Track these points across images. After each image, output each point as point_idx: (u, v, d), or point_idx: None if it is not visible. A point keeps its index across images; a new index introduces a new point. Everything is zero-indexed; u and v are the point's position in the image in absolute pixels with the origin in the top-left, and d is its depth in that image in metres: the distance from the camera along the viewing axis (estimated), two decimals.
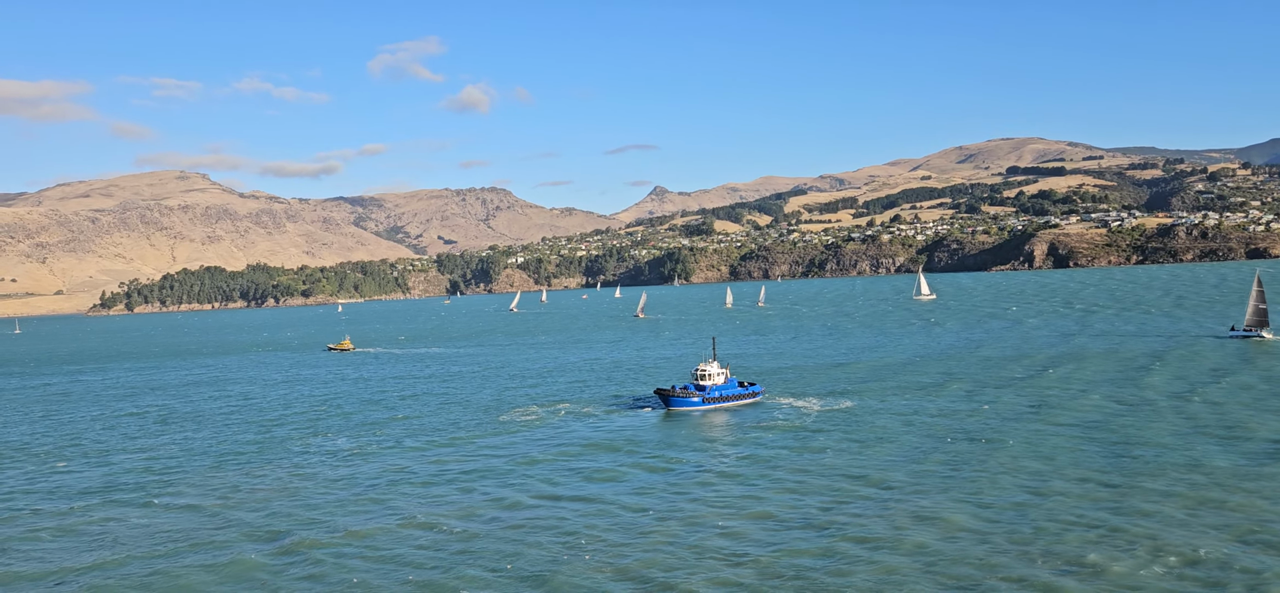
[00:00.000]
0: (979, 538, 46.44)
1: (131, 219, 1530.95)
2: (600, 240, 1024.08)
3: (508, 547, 49.00)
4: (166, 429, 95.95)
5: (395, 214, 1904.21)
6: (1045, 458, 62.31)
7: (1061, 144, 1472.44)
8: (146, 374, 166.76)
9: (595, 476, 64.23)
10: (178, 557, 50.09)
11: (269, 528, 54.81)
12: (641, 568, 44.74)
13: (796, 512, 52.77)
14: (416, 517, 55.63)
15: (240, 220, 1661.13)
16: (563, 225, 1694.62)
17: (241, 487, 66.19)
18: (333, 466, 72.11)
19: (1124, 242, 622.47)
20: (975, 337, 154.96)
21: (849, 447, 69.11)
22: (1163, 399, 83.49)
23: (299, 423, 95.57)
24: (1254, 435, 66.82)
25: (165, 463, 76.79)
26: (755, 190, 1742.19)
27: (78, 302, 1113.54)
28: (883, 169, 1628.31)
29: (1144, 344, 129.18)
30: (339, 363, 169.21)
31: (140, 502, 63.23)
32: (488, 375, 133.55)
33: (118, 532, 55.78)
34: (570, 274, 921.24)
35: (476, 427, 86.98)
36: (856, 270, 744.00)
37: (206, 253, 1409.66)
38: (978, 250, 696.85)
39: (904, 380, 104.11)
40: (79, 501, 64.41)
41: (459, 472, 67.58)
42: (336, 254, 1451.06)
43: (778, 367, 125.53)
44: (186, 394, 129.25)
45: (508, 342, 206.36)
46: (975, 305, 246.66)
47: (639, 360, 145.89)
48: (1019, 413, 79.74)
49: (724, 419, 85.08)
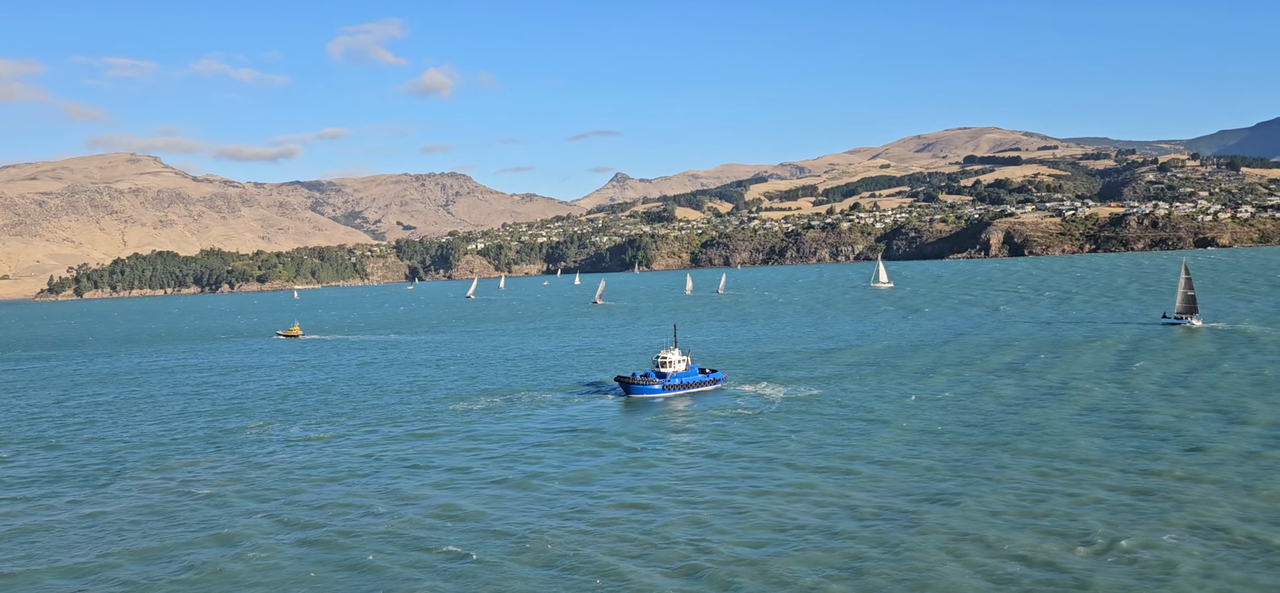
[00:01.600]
0: (944, 517, 46.39)
1: (81, 203, 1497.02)
2: (562, 227, 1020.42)
3: (466, 536, 48.06)
4: (112, 419, 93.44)
5: (353, 199, 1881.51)
6: (999, 440, 62.70)
7: (1017, 134, 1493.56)
8: (94, 363, 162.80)
9: (554, 463, 63.40)
10: (122, 552, 48.49)
11: (218, 520, 53.32)
12: (602, 556, 44.06)
13: (759, 497, 52.39)
14: (372, 507, 54.46)
15: (194, 204, 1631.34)
16: (524, 211, 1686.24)
17: (189, 479, 64.45)
18: (285, 456, 70.54)
19: (1077, 231, 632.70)
20: (933, 324, 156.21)
21: (812, 432, 68.96)
22: (1086, 384, 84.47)
23: (250, 412, 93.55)
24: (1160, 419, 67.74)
25: (111, 454, 74.64)
26: (716, 177, 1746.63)
27: (24, 287, 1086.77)
28: (843, 157, 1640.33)
29: (1076, 331, 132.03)
30: (290, 350, 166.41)
31: (83, 494, 61.31)
32: (444, 363, 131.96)
33: (61, 524, 53.96)
34: (531, 261, 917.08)
35: (431, 415, 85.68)
36: (816, 258, 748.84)
37: (159, 238, 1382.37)
38: (935, 239, 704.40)
39: (863, 366, 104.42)
40: (22, 491, 62.29)
41: (414, 461, 66.39)
42: (293, 239, 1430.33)
43: (738, 354, 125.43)
44: (135, 383, 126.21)
45: (464, 329, 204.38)
46: (934, 292, 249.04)
47: (598, 348, 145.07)
48: (971, 396, 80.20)
49: (685, 406, 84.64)
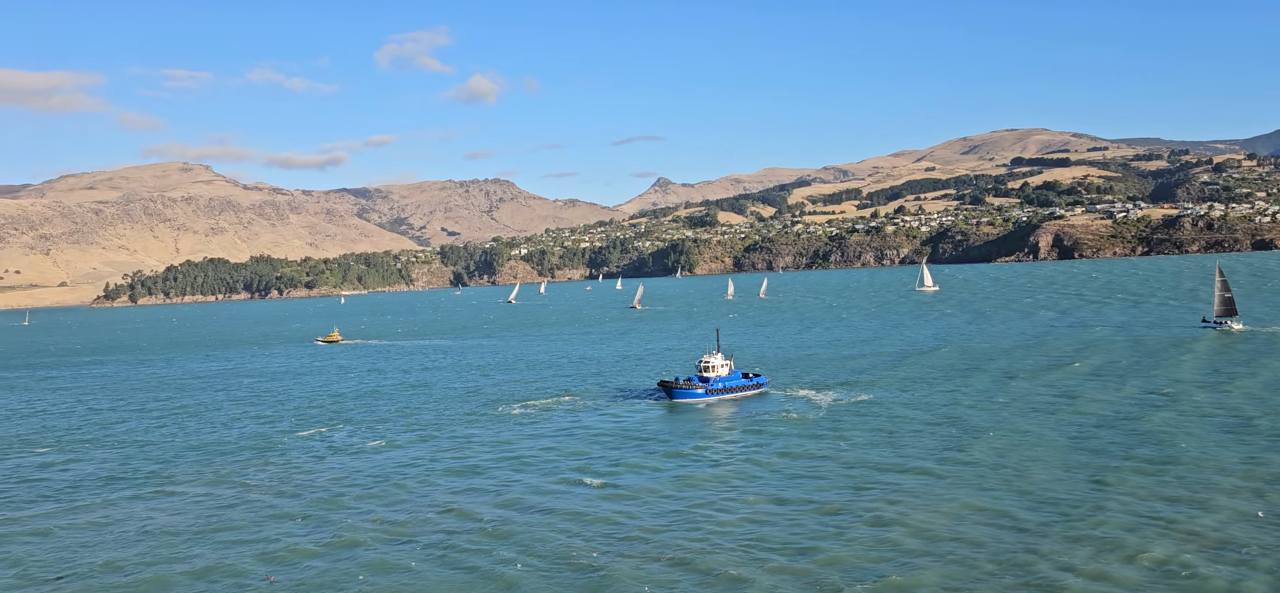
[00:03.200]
0: (1003, 527, 45.30)
1: (135, 211, 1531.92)
2: (604, 232, 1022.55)
3: (512, 541, 47.93)
4: (164, 424, 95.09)
5: (399, 206, 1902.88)
6: (1038, 443, 61.15)
7: (1066, 135, 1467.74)
8: (148, 368, 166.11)
9: (599, 469, 63.14)
10: (172, 554, 49.10)
11: (267, 525, 53.81)
12: (648, 563, 43.66)
13: (811, 502, 51.64)
14: (420, 512, 54.60)
15: (243, 212, 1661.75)
16: (566, 217, 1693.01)
17: (238, 483, 65.19)
18: (331, 461, 71.12)
19: (1129, 233, 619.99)
20: (981, 327, 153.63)
21: (862, 436, 67.95)
22: (1117, 388, 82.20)
23: (296, 418, 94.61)
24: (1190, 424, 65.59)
25: (163, 458, 75.85)
26: (759, 181, 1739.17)
27: (81, 293, 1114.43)
28: (887, 160, 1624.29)
29: (1113, 334, 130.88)
30: (331, 356, 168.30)
31: (131, 498, 62.31)
32: (485, 369, 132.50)
33: (115, 527, 54.82)
34: (574, 266, 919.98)
35: (474, 420, 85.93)
36: (861, 262, 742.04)
37: (210, 244, 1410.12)
38: (982, 242, 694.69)
39: (910, 371, 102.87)
40: (73, 494, 63.50)
41: (457, 466, 66.54)
42: (340, 246, 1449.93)
43: (782, 358, 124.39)
44: (186, 388, 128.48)
45: (506, 334, 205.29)
46: (981, 296, 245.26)
47: (640, 353, 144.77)
48: (1013, 402, 78.52)
49: (728, 411, 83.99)
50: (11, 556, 49.98)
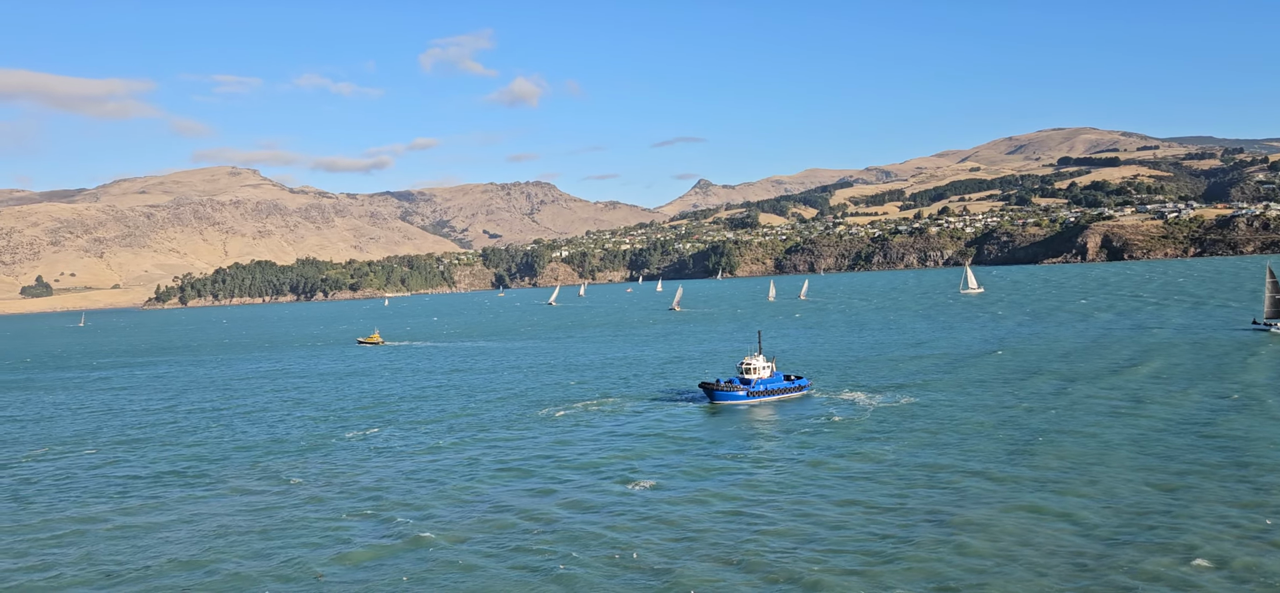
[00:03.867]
0: (1064, 533, 44.41)
1: (185, 215, 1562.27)
2: (644, 234, 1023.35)
3: (556, 542, 47.93)
4: (215, 423, 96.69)
5: (441, 208, 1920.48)
6: (1102, 447, 59.84)
7: (1114, 134, 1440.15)
8: (199, 369, 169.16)
9: (642, 469, 62.98)
10: (221, 552, 49.81)
11: (314, 523, 54.39)
12: (694, 563, 43.41)
13: (856, 504, 51.04)
14: (465, 512, 54.85)
15: (290, 215, 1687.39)
16: (607, 219, 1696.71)
17: (287, 482, 66.02)
18: (377, 462, 71.77)
19: (1181, 233, 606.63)
20: (1027, 329, 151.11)
21: (908, 439, 67.07)
22: (1165, 391, 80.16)
23: (341, 418, 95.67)
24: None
25: (211, 457, 77.10)
26: (800, 183, 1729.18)
27: (134, 295, 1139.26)
28: (930, 161, 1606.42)
29: (1158, 338, 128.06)
30: (377, 357, 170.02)
31: (181, 496, 63.35)
32: (526, 370, 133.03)
33: (165, 524, 55.78)
34: (615, 268, 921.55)
35: (516, 422, 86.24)
36: (904, 263, 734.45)
37: (257, 247, 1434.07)
38: (1028, 243, 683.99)
39: (956, 375, 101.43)
40: (124, 492, 64.73)
41: (502, 467, 66.79)
42: (383, 248, 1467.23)
43: (824, 360, 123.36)
44: (233, 389, 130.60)
45: (546, 336, 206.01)
46: (1027, 298, 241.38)
47: (681, 355, 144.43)
48: (1071, 405, 76.98)
49: (770, 413, 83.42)
50: (66, 553, 51.04)
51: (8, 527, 56.80)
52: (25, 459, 79.27)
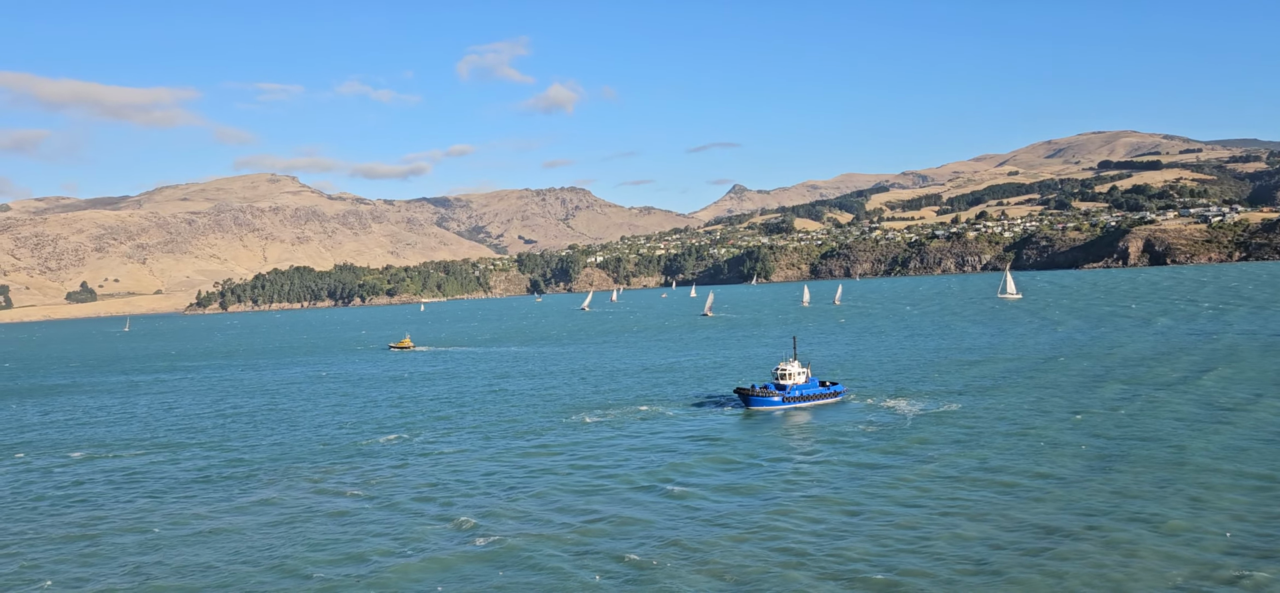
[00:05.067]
0: (1102, 547, 43.82)
1: (225, 221, 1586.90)
2: (679, 239, 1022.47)
3: (592, 549, 48.04)
4: (251, 427, 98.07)
5: (477, 214, 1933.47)
6: (1128, 458, 58.89)
7: (1156, 137, 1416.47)
8: (239, 373, 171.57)
9: (677, 476, 62.95)
10: (254, 553, 50.48)
11: (350, 528, 54.98)
12: (730, 569, 43.31)
13: (889, 514, 50.66)
14: (502, 518, 55.14)
15: (328, 221, 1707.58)
16: (641, 224, 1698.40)
17: (320, 486, 66.76)
18: (412, 467, 72.35)
19: (1226, 238, 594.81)
20: (1069, 335, 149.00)
21: (946, 448, 66.44)
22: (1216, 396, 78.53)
23: (376, 423, 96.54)
24: None
25: (248, 460, 78.17)
26: (836, 188, 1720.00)
27: (175, 301, 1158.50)
28: (967, 165, 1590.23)
29: (1208, 343, 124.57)
30: (415, 363, 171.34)
31: (220, 498, 64.29)
32: (561, 375, 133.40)
33: (201, 525, 56.64)
34: (649, 273, 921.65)
35: (553, 427, 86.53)
36: (941, 269, 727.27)
37: (296, 253, 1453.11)
38: (1068, 247, 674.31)
39: (996, 380, 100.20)
40: (171, 492, 65.83)
41: (536, 472, 67.07)
42: (420, 254, 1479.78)
43: (860, 366, 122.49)
44: (275, 393, 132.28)
45: (580, 341, 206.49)
46: (1068, 304, 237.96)
47: (715, 360, 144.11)
48: (1114, 412, 75.76)
49: (805, 419, 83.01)
50: (104, 550, 52.02)
51: (53, 526, 57.98)
52: (75, 460, 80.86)
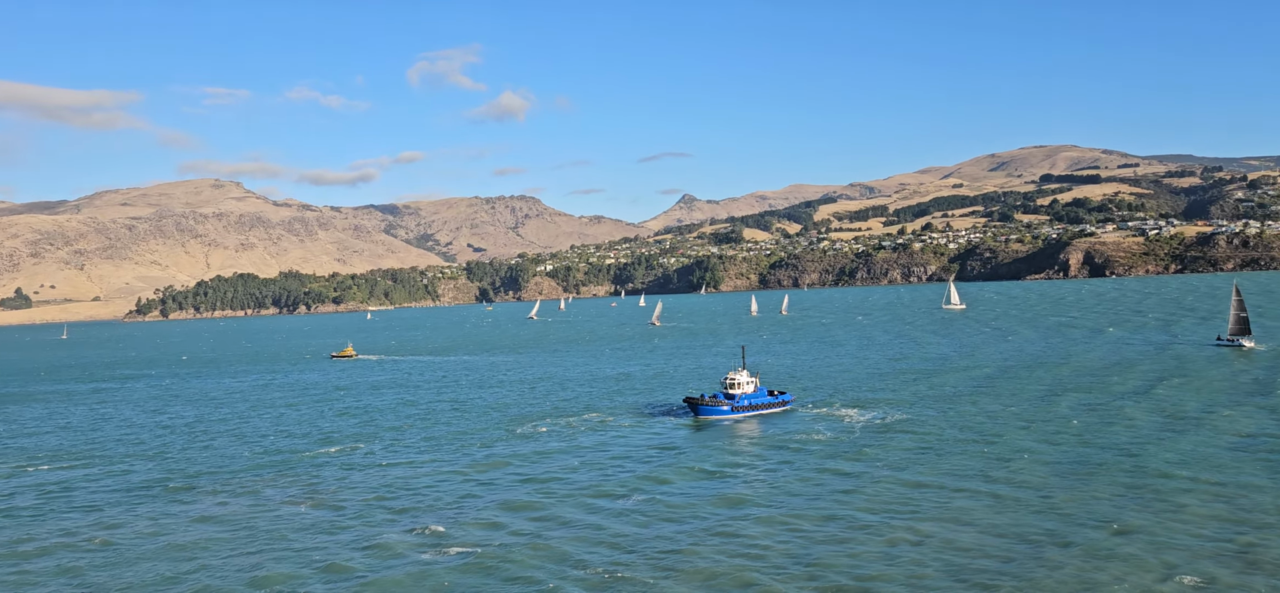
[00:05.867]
0: (1027, 548, 44.70)
1: (167, 227, 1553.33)
2: (629, 249, 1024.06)
3: (544, 559, 47.79)
4: (194, 438, 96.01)
5: (426, 222, 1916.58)
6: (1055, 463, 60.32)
7: (1096, 152, 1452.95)
8: (180, 383, 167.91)
9: (627, 485, 62.90)
10: (194, 569, 49.42)
11: (292, 541, 54.04)
12: (680, 579, 43.37)
13: (838, 519, 51.17)
14: (448, 531, 54.63)
15: (273, 228, 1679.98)
16: (591, 233, 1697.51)
17: (263, 497, 65.57)
18: (357, 477, 71.37)
19: (1162, 250, 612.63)
20: (1008, 346, 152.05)
21: (892, 455, 67.29)
22: (1129, 403, 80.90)
23: (322, 434, 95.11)
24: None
25: (187, 472, 76.49)
26: (784, 198, 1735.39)
27: (114, 308, 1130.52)
28: (913, 177, 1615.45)
29: (1133, 352, 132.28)
30: (361, 372, 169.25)
31: (158, 512, 62.84)
32: (507, 385, 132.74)
33: (139, 541, 55.30)
34: (599, 282, 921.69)
35: (502, 437, 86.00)
36: (887, 279, 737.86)
37: (240, 260, 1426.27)
38: (1011, 259, 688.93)
39: (938, 390, 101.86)
40: (99, 508, 64.15)
41: (486, 482, 66.57)
42: (367, 261, 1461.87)
43: (809, 376, 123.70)
44: (217, 402, 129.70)
45: (527, 351, 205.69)
46: (1009, 314, 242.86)
47: (663, 370, 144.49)
48: (1039, 418, 77.51)
49: (754, 428, 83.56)
50: (45, 565, 50.50)
51: None
52: (6, 475, 78.40)
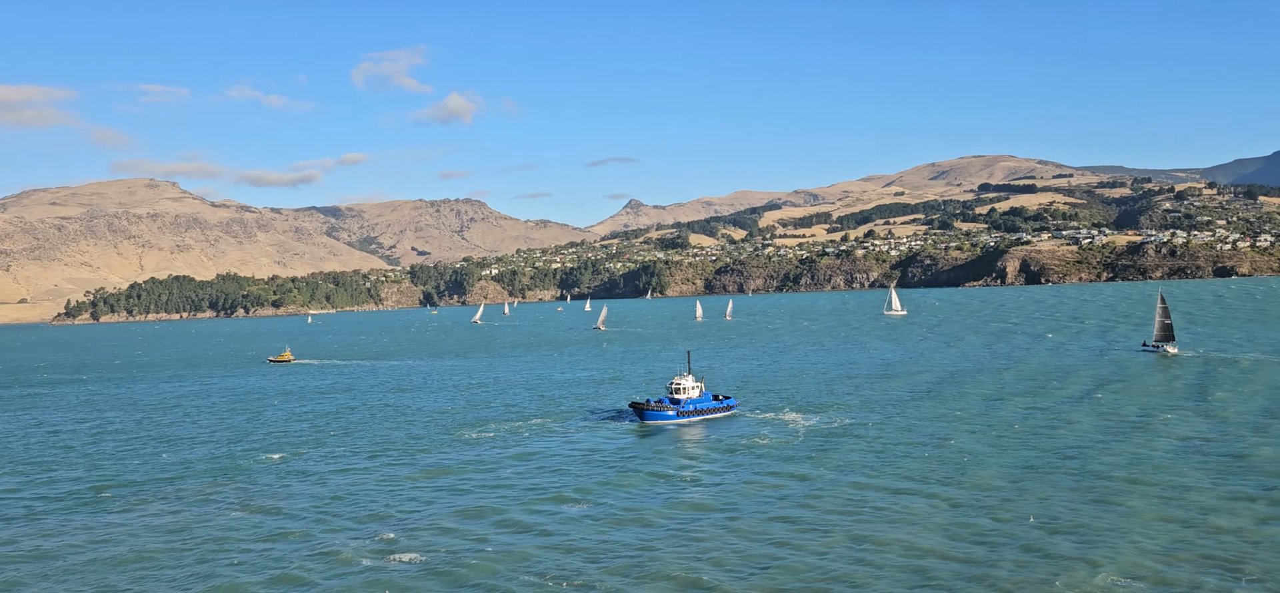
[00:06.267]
0: (970, 542, 45.45)
1: (99, 227, 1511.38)
2: (576, 253, 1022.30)
3: (488, 565, 47.32)
4: (128, 445, 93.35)
5: (369, 225, 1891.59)
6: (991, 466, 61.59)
7: (1032, 162, 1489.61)
8: (110, 388, 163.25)
9: (572, 489, 62.62)
10: (130, 581, 48.03)
11: (231, 552, 52.82)
12: (626, 583, 43.26)
13: (787, 523, 51.50)
14: (392, 539, 53.82)
15: (210, 229, 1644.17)
16: (537, 237, 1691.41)
17: (200, 506, 64.01)
18: (298, 485, 70.02)
19: (1095, 259, 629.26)
20: (946, 351, 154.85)
21: (835, 457, 67.96)
22: (1066, 406, 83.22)
23: (261, 440, 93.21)
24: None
25: (123, 481, 74.36)
26: (730, 204, 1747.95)
27: (42, 311, 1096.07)
28: (856, 184, 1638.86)
29: (1060, 359, 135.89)
30: (303, 376, 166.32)
31: (89, 523, 60.99)
32: (455, 390, 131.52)
33: (72, 552, 53.60)
34: (545, 287, 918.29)
35: (446, 443, 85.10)
36: (831, 285, 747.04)
37: (175, 262, 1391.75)
38: (951, 266, 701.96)
39: (877, 395, 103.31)
40: (30, 518, 62.06)
41: (429, 489, 65.77)
42: (308, 264, 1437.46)
43: (753, 380, 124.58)
44: (151, 409, 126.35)
45: (470, 355, 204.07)
46: (948, 321, 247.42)
47: (608, 375, 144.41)
48: (980, 424, 79.05)
49: (699, 433, 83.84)
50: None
51: None
52: None
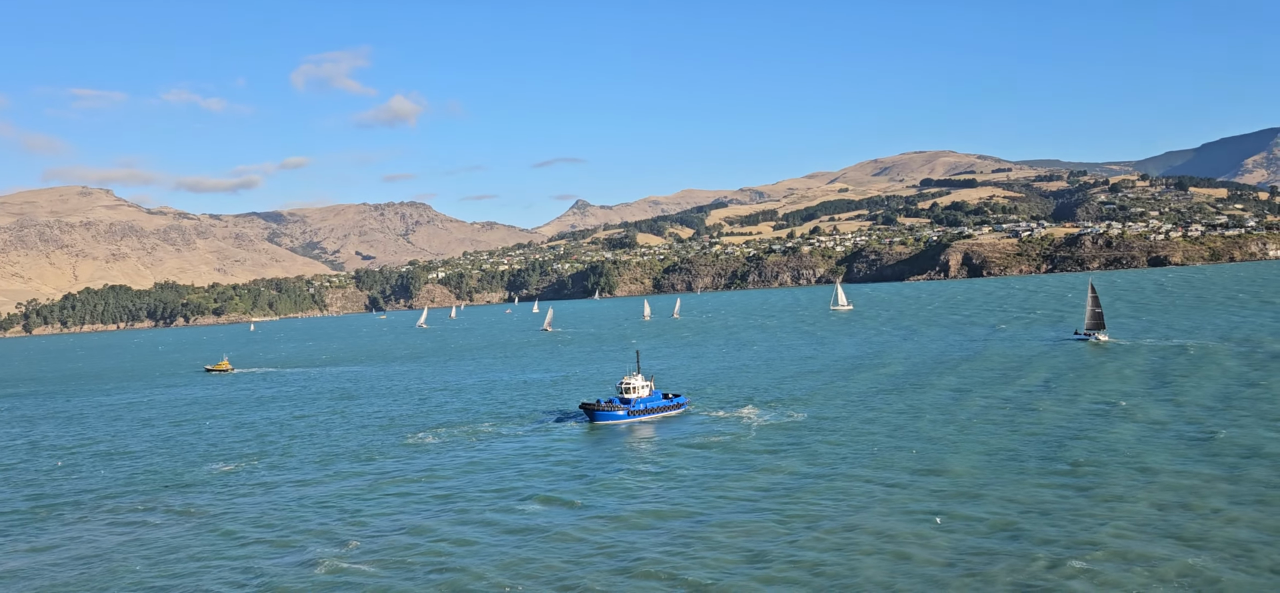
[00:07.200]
0: (920, 541, 45.92)
1: (30, 237, 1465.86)
2: (523, 255, 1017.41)
3: (444, 571, 46.64)
4: (65, 461, 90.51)
5: (312, 230, 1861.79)
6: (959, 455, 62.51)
7: (972, 157, 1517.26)
8: (40, 401, 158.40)
9: (523, 492, 62.10)
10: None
11: (176, 567, 51.40)
12: (577, 582, 42.90)
13: (733, 520, 51.57)
14: (344, 550, 52.82)
15: (147, 237, 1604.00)
16: (484, 239, 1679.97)
17: (142, 522, 62.26)
18: (246, 497, 68.48)
19: (1034, 251, 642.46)
20: (893, 345, 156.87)
21: (788, 452, 68.32)
22: (991, 395, 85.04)
23: (206, 452, 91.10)
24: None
25: (63, 499, 72.05)
26: (677, 203, 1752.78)
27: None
28: (801, 182, 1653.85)
29: (998, 348, 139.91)
30: (248, 386, 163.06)
31: (30, 545, 59.01)
32: (404, 395, 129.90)
33: (11, 577, 51.74)
34: (493, 289, 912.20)
35: (395, 449, 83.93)
36: (778, 282, 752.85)
37: (111, 272, 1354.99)
38: (896, 261, 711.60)
39: (829, 389, 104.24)
40: None
41: (381, 496, 64.77)
42: (250, 271, 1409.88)
43: (703, 378, 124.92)
44: (88, 422, 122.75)
45: (417, 360, 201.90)
46: (892, 314, 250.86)
47: (558, 376, 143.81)
48: (916, 413, 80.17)
49: (650, 432, 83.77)
50: None
51: None
52: None
